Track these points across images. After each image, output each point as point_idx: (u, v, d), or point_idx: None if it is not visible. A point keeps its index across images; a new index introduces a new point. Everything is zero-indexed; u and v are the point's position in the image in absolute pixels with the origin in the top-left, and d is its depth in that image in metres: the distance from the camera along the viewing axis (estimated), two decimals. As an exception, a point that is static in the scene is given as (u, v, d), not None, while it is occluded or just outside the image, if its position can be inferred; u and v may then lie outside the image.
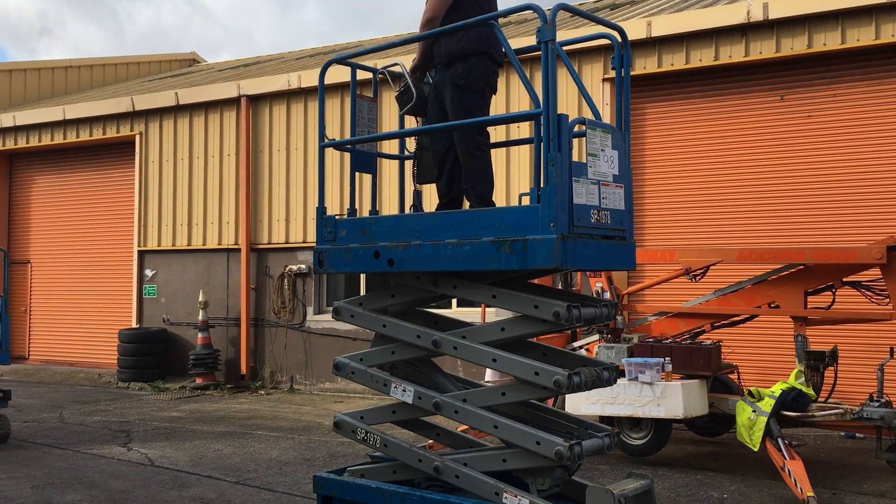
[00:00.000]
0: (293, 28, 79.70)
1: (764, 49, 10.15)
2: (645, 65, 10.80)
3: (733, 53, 10.32)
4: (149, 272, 15.01)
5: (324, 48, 19.89)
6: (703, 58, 10.50)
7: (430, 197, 5.23)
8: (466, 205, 4.87)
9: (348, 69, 5.11)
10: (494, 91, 4.89)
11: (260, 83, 13.98)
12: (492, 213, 4.19)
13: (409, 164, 5.32)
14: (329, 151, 5.37)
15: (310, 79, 13.28)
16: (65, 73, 20.67)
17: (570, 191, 3.91)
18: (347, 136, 5.39)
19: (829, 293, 7.52)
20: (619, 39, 4.45)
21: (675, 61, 10.65)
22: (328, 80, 5.28)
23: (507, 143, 6.12)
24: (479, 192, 4.69)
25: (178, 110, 14.79)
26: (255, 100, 13.94)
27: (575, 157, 4.02)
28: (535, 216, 3.91)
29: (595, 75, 11.07)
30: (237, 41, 73.93)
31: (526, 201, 4.25)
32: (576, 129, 4.12)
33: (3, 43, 70.95)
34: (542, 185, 3.92)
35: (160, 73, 22.30)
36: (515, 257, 3.94)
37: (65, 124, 16.16)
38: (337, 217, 4.77)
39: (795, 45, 9.98)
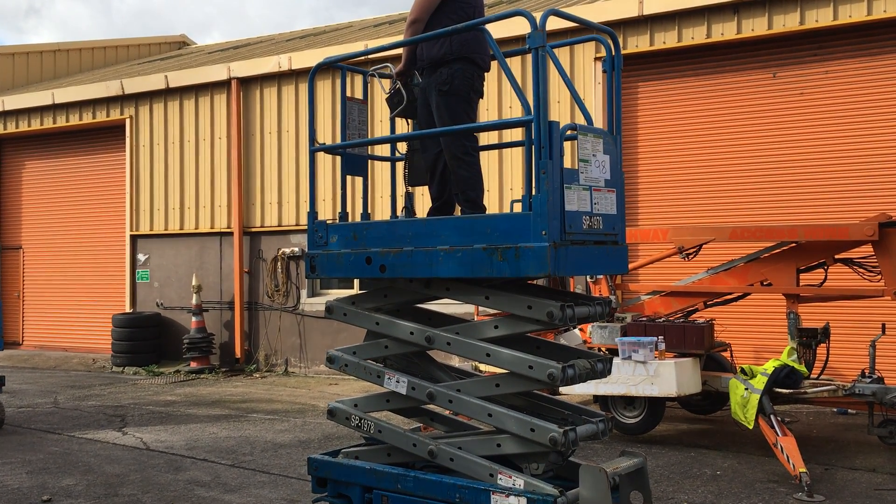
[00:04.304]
0: (286, 5, 79.20)
1: (756, 26, 10.11)
2: (637, 43, 10.76)
3: (725, 31, 10.28)
4: (141, 257, 14.97)
5: (314, 29, 19.76)
6: (695, 36, 10.47)
7: (423, 199, 5.22)
8: (458, 209, 4.86)
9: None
10: (481, 95, 4.85)
11: (250, 65, 13.88)
12: (484, 220, 4.17)
13: (400, 165, 5.30)
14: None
15: (300, 61, 13.20)
16: (53, 56, 20.49)
17: (561, 198, 3.91)
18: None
19: (822, 270, 7.55)
20: (611, 43, 4.41)
21: (667, 39, 10.61)
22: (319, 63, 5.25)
23: (500, 146, 6.08)
24: (469, 197, 4.68)
25: (168, 94, 14.70)
26: (246, 82, 13.86)
27: (567, 159, 4.00)
28: (527, 224, 3.90)
29: (587, 54, 11.02)
30: (228, 19, 73.44)
31: (518, 208, 4.24)
32: (568, 132, 4.10)
33: (-11, 25, 70.34)
34: (533, 193, 3.91)
35: (149, 55, 22.14)
36: (507, 265, 3.94)
37: (54, 108, 16.05)
38: (329, 222, 4.76)
39: (788, 22, 9.95)
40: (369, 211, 5.22)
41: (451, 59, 4.64)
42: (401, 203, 5.24)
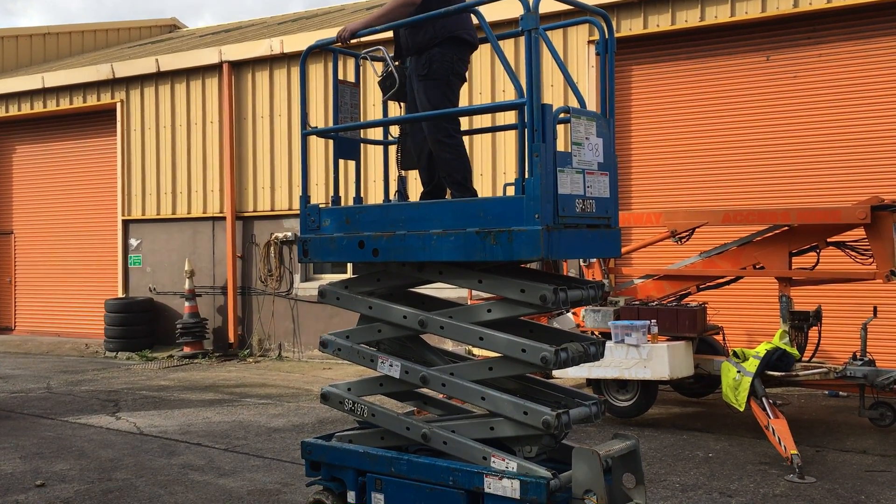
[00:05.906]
0: (277, -13, 78.45)
1: (750, 9, 10.08)
2: (630, 26, 10.72)
3: (719, 14, 10.25)
4: (134, 241, 14.92)
5: (306, 13, 19.63)
6: (688, 18, 10.43)
7: (416, 183, 5.20)
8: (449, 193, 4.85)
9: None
10: (463, 79, 4.82)
11: (242, 49, 13.79)
12: (477, 203, 4.17)
13: (393, 149, 5.28)
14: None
15: (292, 44, 13.11)
16: (43, 40, 20.31)
17: (554, 181, 3.90)
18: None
19: (814, 253, 7.57)
20: (604, 26, 4.39)
21: (660, 22, 10.58)
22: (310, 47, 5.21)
23: (493, 129, 6.04)
24: (455, 179, 4.66)
25: (159, 77, 14.60)
26: (238, 66, 13.77)
27: (560, 142, 3.99)
28: (520, 207, 3.90)
29: (580, 37, 10.98)
30: (220, 2, 72.85)
31: (511, 191, 4.23)
32: (561, 115, 4.09)
33: (-22, 9, 69.67)
34: (526, 176, 3.91)
35: (140, 39, 21.97)
36: (500, 248, 3.94)
37: (44, 92, 15.93)
38: (321, 206, 4.74)
39: (781, 5, 9.92)
40: (362, 195, 5.20)
41: (433, 45, 4.60)
42: (394, 187, 5.23)
